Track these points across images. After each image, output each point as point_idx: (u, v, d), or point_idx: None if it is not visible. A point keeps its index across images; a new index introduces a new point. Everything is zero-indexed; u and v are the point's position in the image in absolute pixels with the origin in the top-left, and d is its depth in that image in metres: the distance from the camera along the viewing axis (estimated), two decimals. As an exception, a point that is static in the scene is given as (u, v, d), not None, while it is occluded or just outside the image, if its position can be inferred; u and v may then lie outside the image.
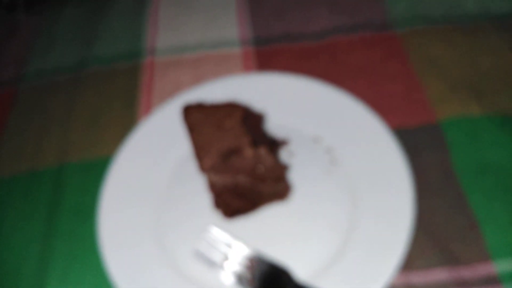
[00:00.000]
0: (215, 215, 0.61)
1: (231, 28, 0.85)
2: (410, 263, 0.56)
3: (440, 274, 0.55)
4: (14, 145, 0.75)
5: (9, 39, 0.92)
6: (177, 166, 0.66)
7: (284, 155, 0.66)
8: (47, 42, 0.90)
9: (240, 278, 0.55)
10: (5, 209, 0.67)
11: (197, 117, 0.58)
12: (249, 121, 0.58)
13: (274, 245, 0.58)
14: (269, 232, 0.59)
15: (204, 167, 0.54)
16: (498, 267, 0.54)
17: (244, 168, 0.55)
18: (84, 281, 0.59)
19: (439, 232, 0.58)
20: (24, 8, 0.96)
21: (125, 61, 0.83)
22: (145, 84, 0.79)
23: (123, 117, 0.75)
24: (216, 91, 0.70)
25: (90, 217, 0.64)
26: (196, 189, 0.63)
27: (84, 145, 0.72)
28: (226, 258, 0.57)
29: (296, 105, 0.69)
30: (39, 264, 0.61)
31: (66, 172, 0.70)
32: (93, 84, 0.80)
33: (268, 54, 0.80)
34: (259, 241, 0.58)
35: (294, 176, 0.64)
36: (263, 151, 0.54)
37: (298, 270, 0.55)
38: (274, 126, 0.68)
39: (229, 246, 0.58)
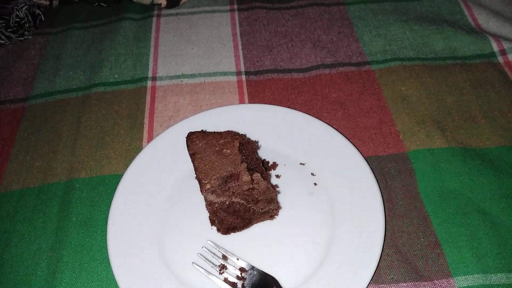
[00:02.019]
0: (212, 231, 0.67)
1: (227, 59, 0.91)
2: (380, 276, 0.63)
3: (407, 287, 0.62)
4: (24, 160, 0.78)
5: (18, 59, 0.95)
6: (179, 185, 0.71)
7: (273, 176, 0.72)
8: (54, 64, 0.93)
9: (233, 287, 0.60)
10: (16, 220, 0.70)
11: (199, 144, 0.63)
12: (245, 148, 0.64)
13: (263, 258, 0.63)
14: (260, 246, 0.65)
15: (205, 190, 0.60)
16: (457, 283, 0.61)
17: (240, 191, 0.60)
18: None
19: (405, 250, 0.65)
20: (31, 29, 1.00)
21: (130, 85, 0.88)
22: (148, 107, 0.84)
23: (128, 137, 0.79)
24: (213, 118, 0.76)
25: (97, 229, 0.68)
26: (195, 207, 0.68)
27: (92, 163, 0.76)
28: (221, 268, 0.62)
29: (285, 133, 0.75)
30: (48, 274, 0.64)
31: (75, 187, 0.73)
32: (99, 105, 0.85)
33: (259, 84, 0.86)
34: (250, 254, 0.64)
35: (282, 196, 0.70)
36: (257, 177, 0.60)
37: (284, 280, 0.61)
38: (265, 150, 0.74)
39: (223, 258, 0.63)
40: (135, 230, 0.65)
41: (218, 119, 0.76)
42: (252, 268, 0.61)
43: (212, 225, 0.67)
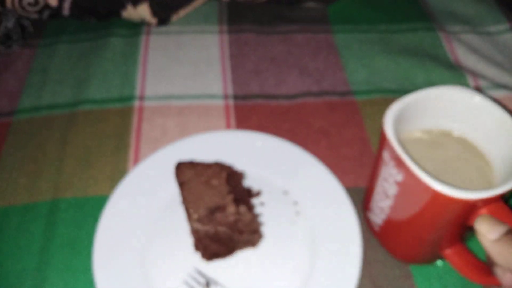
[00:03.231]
0: (196, 257, 0.69)
1: (214, 82, 0.94)
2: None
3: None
4: (8, 177, 0.79)
5: (4, 71, 0.96)
6: (165, 210, 0.73)
7: (256, 204, 0.75)
8: (41, 78, 0.94)
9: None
10: (1, 239, 0.71)
11: (188, 174, 0.66)
12: (232, 179, 0.67)
13: (245, 285, 0.66)
14: (242, 273, 0.68)
15: (192, 219, 0.62)
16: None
17: (225, 221, 0.63)
18: (76, 311, 0.65)
19: (379, 280, 0.69)
20: (19, 40, 1.00)
21: (117, 104, 0.89)
22: (135, 128, 0.86)
23: (114, 158, 0.81)
24: (200, 144, 0.79)
25: (82, 250, 0.70)
26: (181, 232, 0.70)
27: (77, 183, 0.78)
28: (204, 295, 0.65)
29: (270, 161, 0.79)
30: (33, 293, 0.66)
31: (60, 207, 0.75)
32: (86, 124, 0.86)
33: (246, 110, 0.89)
34: (233, 281, 0.67)
35: (265, 225, 0.73)
36: (243, 209, 0.63)
37: (264, 309, 0.64)
38: (251, 177, 0.77)
39: (207, 285, 0.66)
40: (119, 253, 0.67)
41: (205, 145, 0.79)
42: None
43: (196, 251, 0.69)
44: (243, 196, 0.67)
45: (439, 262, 0.70)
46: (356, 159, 0.82)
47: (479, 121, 0.62)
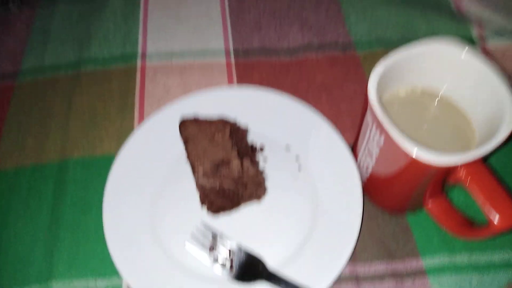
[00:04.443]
0: (202, 211, 0.69)
1: (216, 38, 0.90)
2: (356, 256, 0.66)
3: (379, 266, 0.65)
4: (16, 139, 0.77)
5: (4, 33, 0.92)
6: (171, 167, 0.72)
7: (260, 159, 0.74)
8: (42, 39, 0.91)
9: (223, 266, 0.64)
10: (11, 201, 0.71)
11: (192, 130, 0.64)
12: (236, 134, 0.66)
13: (250, 238, 0.66)
14: (247, 226, 0.68)
15: (197, 174, 0.61)
16: (424, 262, 0.66)
17: (230, 175, 0.62)
18: (89, 267, 0.65)
19: (379, 232, 0.68)
20: (17, 2, 0.96)
21: (120, 64, 0.86)
22: (138, 87, 0.83)
23: (119, 118, 0.79)
24: (203, 101, 0.76)
25: (91, 209, 0.70)
26: (187, 187, 0.70)
27: (84, 143, 0.76)
28: (211, 249, 0.65)
29: (271, 117, 0.77)
30: (46, 253, 0.66)
31: (68, 167, 0.74)
32: (90, 84, 0.84)
33: (247, 66, 0.86)
34: (238, 234, 0.67)
35: (268, 179, 0.72)
36: (247, 163, 0.62)
37: (270, 259, 0.64)
38: (253, 133, 0.76)
39: (214, 238, 0.66)
40: (128, 211, 0.67)
41: (208, 102, 0.76)
42: (240, 249, 0.64)
43: (202, 205, 0.69)
44: (247, 151, 0.65)
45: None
46: (356, 115, 0.80)
47: (465, 78, 0.58)
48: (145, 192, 0.70)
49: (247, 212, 0.69)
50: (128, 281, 0.61)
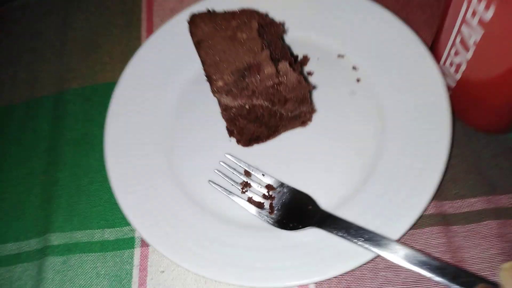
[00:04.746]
0: (230, 143, 0.52)
1: None
2: (444, 191, 0.48)
3: (476, 203, 0.47)
4: (7, 72, 0.64)
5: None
6: (188, 89, 0.56)
7: (304, 72, 0.56)
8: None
9: (259, 207, 0.47)
10: (4, 142, 0.59)
11: (206, 29, 0.47)
12: (267, 32, 0.47)
13: (294, 174, 0.49)
14: (289, 159, 0.51)
15: (216, 89, 0.44)
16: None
17: (262, 88, 0.45)
18: (94, 215, 0.52)
19: (474, 158, 0.49)
20: None
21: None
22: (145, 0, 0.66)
23: (124, 37, 0.64)
24: (226, 2, 0.58)
25: (94, 147, 0.56)
26: (209, 114, 0.53)
27: (83, 70, 0.62)
28: (243, 187, 0.49)
29: (317, 16, 0.57)
30: (43, 200, 0.54)
31: (66, 99, 0.60)
32: (88, 2, 0.68)
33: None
34: (278, 169, 0.50)
35: (316, 97, 0.54)
36: (285, 67, 0.44)
37: (321, 200, 0.47)
38: (292, 40, 0.57)
39: (246, 174, 0.50)
40: (138, 146, 0.52)
41: (233, 2, 0.58)
42: (282, 185, 0.48)
43: (230, 136, 0.52)
44: (284, 54, 0.47)
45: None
46: (431, 6, 0.59)
47: None
48: (156, 123, 0.54)
49: (289, 141, 0.52)
50: (140, 231, 0.46)
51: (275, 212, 0.46)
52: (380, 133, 0.50)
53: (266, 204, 0.47)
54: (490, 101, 0.47)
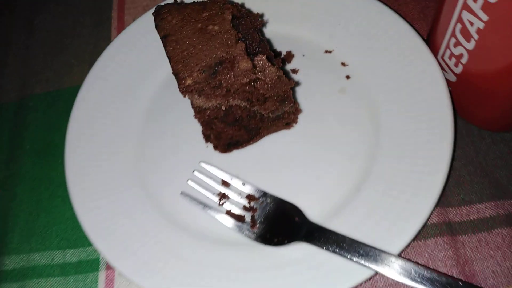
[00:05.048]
0: (206, 149, 0.47)
1: None
2: (447, 196, 0.43)
3: (485, 209, 0.42)
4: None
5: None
6: (159, 91, 0.51)
7: (287, 70, 0.50)
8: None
9: (239, 221, 0.41)
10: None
11: (173, 22, 0.41)
12: (242, 24, 0.42)
13: (278, 182, 0.44)
14: (273, 167, 0.45)
15: (185, 87, 0.39)
16: None
17: (238, 86, 0.39)
18: (52, 233, 0.46)
19: (479, 159, 0.44)
20: None
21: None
22: (116, -3, 0.61)
23: (92, 37, 0.58)
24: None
25: (57, 158, 0.50)
26: (183, 118, 0.48)
27: (48, 74, 0.57)
28: (221, 198, 0.43)
29: (301, 9, 0.52)
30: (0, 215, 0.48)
31: (29, 105, 0.55)
32: (55, 2, 0.63)
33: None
34: (260, 178, 0.44)
35: (302, 96, 0.48)
36: (262, 60, 0.38)
37: (310, 211, 0.41)
38: (274, 35, 0.52)
39: (223, 184, 0.44)
40: (103, 156, 0.46)
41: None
42: (264, 194, 0.42)
43: (207, 142, 0.47)
44: (262, 48, 0.41)
45: None
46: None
47: None
48: (124, 129, 0.48)
49: (272, 145, 0.46)
50: (103, 252, 0.40)
51: (258, 225, 0.41)
52: (374, 135, 0.45)
53: (247, 216, 0.41)
54: (495, 95, 0.42)
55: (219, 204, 0.42)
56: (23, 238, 0.46)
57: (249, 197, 0.42)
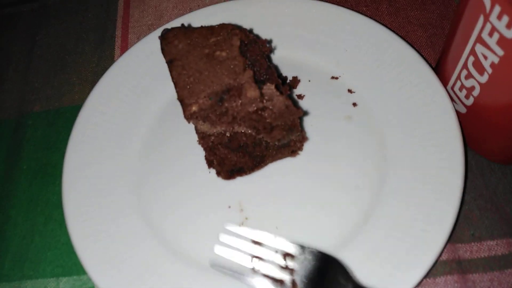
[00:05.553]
0: (209, 175, 0.45)
1: None
2: (457, 233, 0.41)
3: (496, 247, 0.40)
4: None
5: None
6: (162, 114, 0.49)
7: (293, 96, 0.49)
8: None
9: (277, 284, 0.37)
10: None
11: (179, 46, 0.40)
12: (250, 51, 0.41)
13: (282, 212, 0.42)
14: (277, 195, 0.43)
15: (190, 114, 0.37)
16: None
17: (244, 113, 0.38)
18: (45, 259, 0.43)
19: (490, 194, 0.42)
20: None
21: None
22: (121, 14, 0.60)
23: (95, 55, 0.57)
24: (208, 19, 0.51)
25: (55, 179, 0.48)
26: (186, 143, 0.46)
27: (48, 92, 0.55)
28: (253, 260, 0.38)
29: (308, 35, 0.51)
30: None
31: (27, 123, 0.53)
32: (58, 17, 0.62)
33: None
34: (263, 207, 0.42)
35: (308, 124, 0.47)
36: (270, 90, 0.37)
37: (315, 244, 0.39)
38: (281, 60, 0.51)
39: (255, 242, 0.39)
40: (102, 180, 0.44)
41: (215, 19, 0.51)
42: (303, 250, 0.38)
43: (209, 167, 0.45)
44: (270, 75, 0.40)
45: None
46: (435, 26, 0.53)
47: None
48: (125, 153, 0.47)
49: (277, 175, 0.45)
50: (99, 284, 0.38)
51: (301, 284, 0.36)
52: (381, 165, 0.43)
53: (288, 280, 0.36)
54: (506, 129, 0.40)
55: (253, 269, 0.38)
56: (15, 264, 0.43)
57: (286, 255, 0.38)
